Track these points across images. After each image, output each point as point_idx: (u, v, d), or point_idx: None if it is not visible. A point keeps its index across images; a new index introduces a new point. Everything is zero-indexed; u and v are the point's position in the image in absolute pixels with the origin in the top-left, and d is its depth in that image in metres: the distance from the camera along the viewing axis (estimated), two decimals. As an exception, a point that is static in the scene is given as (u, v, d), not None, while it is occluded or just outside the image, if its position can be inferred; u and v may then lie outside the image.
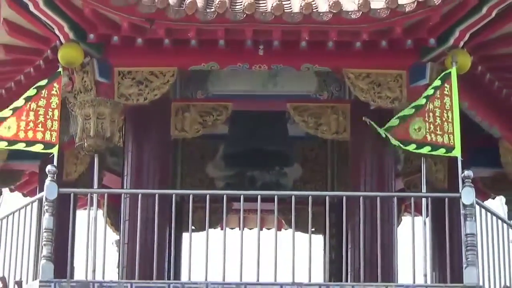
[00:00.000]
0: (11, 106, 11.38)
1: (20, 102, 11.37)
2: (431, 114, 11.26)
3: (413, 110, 11.25)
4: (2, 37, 12.00)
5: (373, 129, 11.27)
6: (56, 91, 11.50)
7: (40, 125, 11.34)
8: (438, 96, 11.32)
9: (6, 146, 11.46)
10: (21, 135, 11.32)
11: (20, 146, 11.38)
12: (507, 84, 12.66)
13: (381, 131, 11.20)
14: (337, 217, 11.88)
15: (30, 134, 11.33)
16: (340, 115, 12.18)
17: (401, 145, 11.26)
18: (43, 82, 11.50)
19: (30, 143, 11.34)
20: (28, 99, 11.36)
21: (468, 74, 11.77)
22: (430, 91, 11.34)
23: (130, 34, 11.50)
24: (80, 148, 11.98)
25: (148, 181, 12.10)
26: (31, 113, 11.31)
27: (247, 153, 13.91)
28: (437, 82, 11.39)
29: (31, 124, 11.31)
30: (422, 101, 11.28)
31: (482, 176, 13.05)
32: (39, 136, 11.34)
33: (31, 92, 11.42)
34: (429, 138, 11.21)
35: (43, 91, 11.40)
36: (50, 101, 11.44)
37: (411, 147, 11.22)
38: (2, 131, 11.27)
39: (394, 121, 11.24)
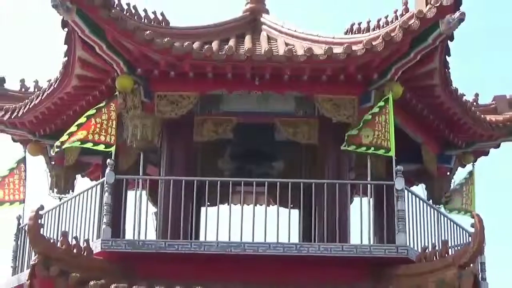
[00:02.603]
0: (77, 122, 11.42)
1: (83, 119, 11.42)
2: (381, 125, 11.23)
3: (362, 124, 11.28)
4: (77, 70, 11.96)
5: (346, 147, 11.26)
6: (113, 108, 11.52)
7: (103, 131, 11.35)
8: (384, 113, 11.33)
9: (79, 144, 11.47)
10: (90, 137, 11.37)
11: (89, 144, 11.39)
12: (426, 106, 12.57)
13: (349, 147, 11.23)
14: (308, 197, 11.86)
15: (96, 137, 11.36)
16: (311, 126, 12.14)
17: (357, 149, 11.26)
18: (101, 105, 11.54)
19: (95, 143, 11.37)
20: (89, 117, 11.39)
21: (401, 99, 11.75)
22: (376, 109, 11.31)
23: (165, 69, 11.49)
24: (130, 148, 12.01)
25: (177, 171, 12.04)
26: (98, 124, 11.36)
27: (246, 152, 13.85)
28: (381, 103, 11.35)
29: (97, 130, 11.37)
30: (369, 117, 11.26)
31: (409, 169, 13.02)
32: (102, 138, 11.36)
33: (91, 111, 11.47)
34: (375, 142, 11.20)
35: (103, 109, 11.44)
36: (110, 115, 11.49)
37: (363, 149, 11.22)
38: (77, 135, 11.38)
39: (354, 132, 11.24)
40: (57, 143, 11.53)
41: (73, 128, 11.40)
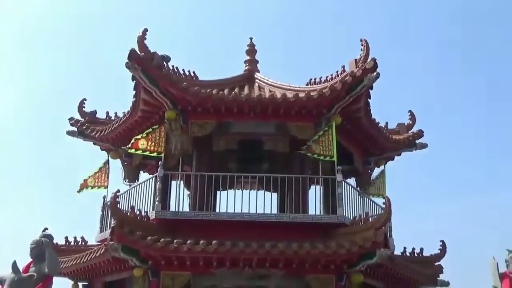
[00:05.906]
0: (143, 134, 11.45)
1: (149, 130, 11.49)
2: (327, 141, 11.19)
3: (316, 139, 11.26)
4: (141, 106, 11.87)
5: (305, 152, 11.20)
6: (163, 130, 11.53)
7: (156, 144, 11.40)
8: (329, 134, 11.30)
9: (141, 152, 11.51)
10: (148, 147, 11.38)
11: (147, 153, 11.45)
12: (356, 130, 12.48)
13: (307, 153, 11.19)
14: (283, 185, 11.78)
15: (152, 148, 11.39)
16: (285, 142, 12.00)
17: (312, 155, 11.24)
18: (155, 127, 11.55)
19: (151, 152, 11.41)
20: (147, 134, 11.41)
21: (340, 125, 11.69)
22: (324, 131, 11.32)
23: (196, 106, 11.47)
24: (173, 154, 11.87)
25: (203, 169, 11.95)
26: (152, 139, 11.38)
27: (245, 158, 13.77)
28: (326, 128, 11.38)
29: (152, 144, 11.39)
30: (320, 135, 11.25)
31: (345, 169, 12.90)
32: (155, 149, 11.40)
33: (149, 130, 11.51)
34: (323, 151, 11.12)
35: (156, 131, 11.46)
36: (161, 134, 11.51)
37: (316, 155, 11.20)
38: (140, 145, 11.37)
39: (310, 144, 11.22)
40: (128, 146, 11.56)
41: (139, 137, 11.45)
